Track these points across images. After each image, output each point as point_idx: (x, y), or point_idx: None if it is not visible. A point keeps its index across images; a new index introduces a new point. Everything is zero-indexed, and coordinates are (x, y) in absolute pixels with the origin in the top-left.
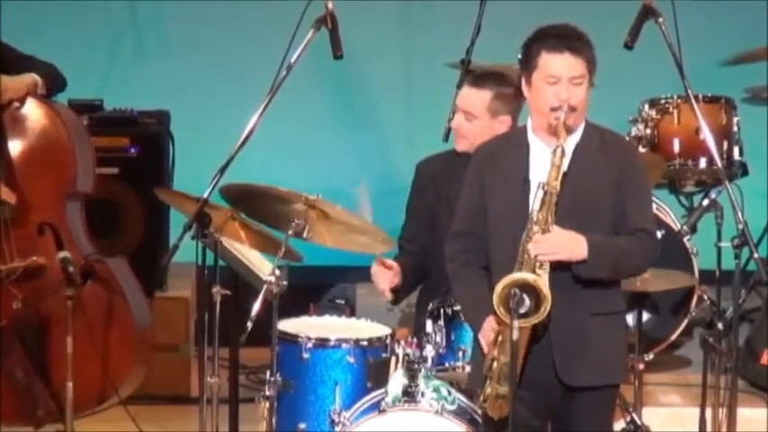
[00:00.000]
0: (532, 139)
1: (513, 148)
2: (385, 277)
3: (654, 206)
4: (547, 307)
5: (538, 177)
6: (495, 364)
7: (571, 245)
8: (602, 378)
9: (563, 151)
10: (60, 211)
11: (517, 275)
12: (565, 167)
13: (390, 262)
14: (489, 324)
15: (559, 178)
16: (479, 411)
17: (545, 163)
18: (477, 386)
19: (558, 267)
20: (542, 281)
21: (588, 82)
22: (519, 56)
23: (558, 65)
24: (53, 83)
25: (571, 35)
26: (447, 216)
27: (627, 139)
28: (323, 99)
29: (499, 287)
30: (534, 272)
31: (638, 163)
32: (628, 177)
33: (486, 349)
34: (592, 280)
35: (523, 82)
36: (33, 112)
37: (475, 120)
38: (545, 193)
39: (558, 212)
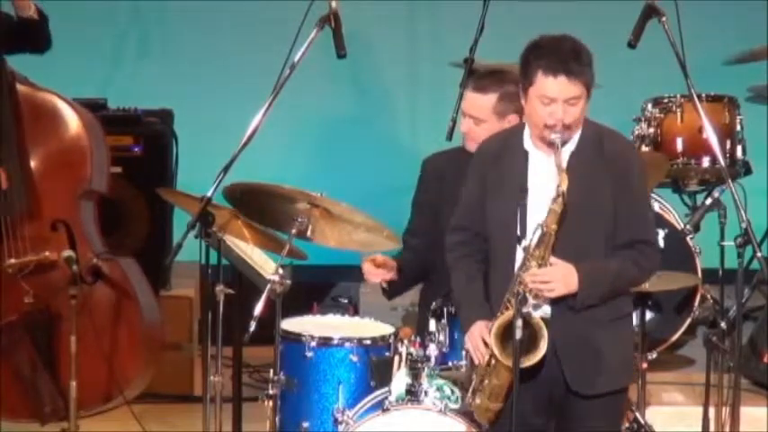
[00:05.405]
0: (530, 147)
1: (512, 150)
2: (376, 274)
3: (657, 205)
4: (543, 346)
5: (535, 186)
6: (486, 382)
7: (566, 280)
8: (613, 383)
9: (563, 196)
10: (74, 209)
11: (511, 314)
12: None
13: (381, 258)
14: (479, 331)
15: (557, 222)
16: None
17: (543, 172)
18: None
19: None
20: (538, 318)
21: (585, 97)
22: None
23: (553, 88)
24: (45, 23)
25: (568, 56)
26: (451, 213)
27: (627, 141)
28: (326, 98)
29: (494, 328)
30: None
31: (637, 170)
32: (626, 187)
33: (473, 356)
34: None
35: (521, 88)
36: (55, 110)
37: (483, 123)
38: (543, 234)
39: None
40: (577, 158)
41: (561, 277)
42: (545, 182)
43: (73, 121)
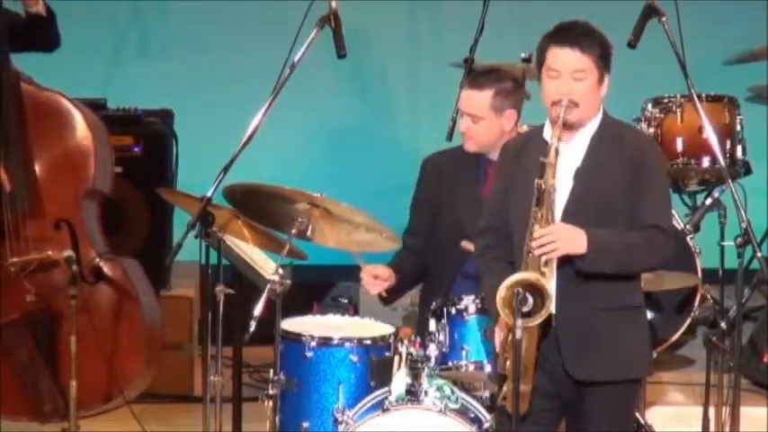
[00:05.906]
0: (549, 136)
1: (533, 146)
2: (375, 284)
3: None
4: (549, 305)
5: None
6: (507, 363)
7: (570, 239)
8: (611, 373)
9: (557, 151)
10: (77, 209)
11: (518, 276)
12: (578, 163)
13: (382, 269)
14: (502, 321)
15: (555, 176)
16: (483, 410)
17: (563, 162)
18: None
19: (566, 262)
20: (544, 279)
21: (595, 78)
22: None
23: (558, 59)
24: (53, 20)
25: (578, 30)
26: (450, 212)
27: (648, 137)
28: (326, 97)
29: (501, 290)
30: (540, 270)
31: (655, 159)
32: (642, 174)
33: (497, 347)
34: (603, 275)
35: (538, 72)
36: (60, 110)
37: (481, 120)
38: (542, 191)
39: (571, 209)
40: (596, 146)
41: (564, 235)
42: (565, 171)
43: (77, 121)
